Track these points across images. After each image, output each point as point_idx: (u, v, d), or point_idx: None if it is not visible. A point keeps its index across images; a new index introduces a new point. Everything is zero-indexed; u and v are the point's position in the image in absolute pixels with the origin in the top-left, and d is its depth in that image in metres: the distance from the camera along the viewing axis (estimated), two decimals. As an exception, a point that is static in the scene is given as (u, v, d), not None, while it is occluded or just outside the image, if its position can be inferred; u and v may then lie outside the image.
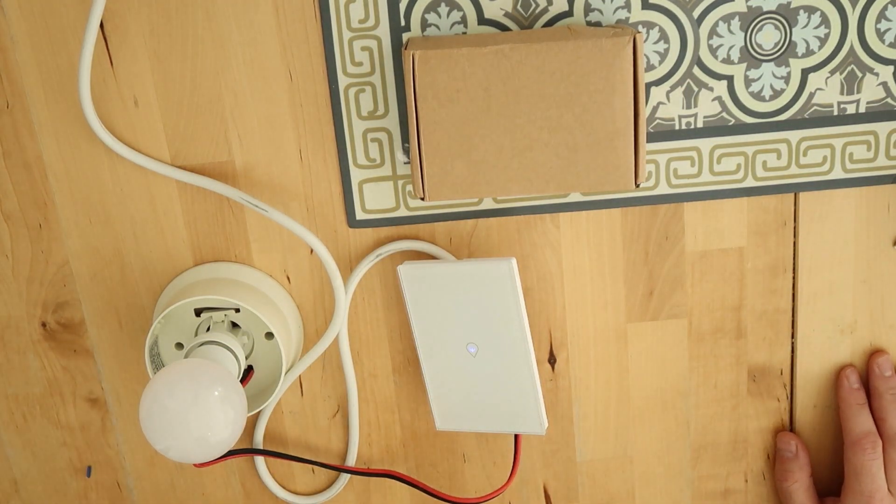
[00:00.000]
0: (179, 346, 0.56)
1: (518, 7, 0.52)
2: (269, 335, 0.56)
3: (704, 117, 0.54)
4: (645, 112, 0.48)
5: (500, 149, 0.49)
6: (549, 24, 0.52)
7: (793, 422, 0.62)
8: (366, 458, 0.63)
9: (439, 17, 0.52)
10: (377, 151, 0.55)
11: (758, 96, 0.54)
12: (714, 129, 0.54)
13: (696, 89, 0.53)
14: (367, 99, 0.54)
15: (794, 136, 0.55)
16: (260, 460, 0.62)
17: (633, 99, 0.48)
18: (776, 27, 0.52)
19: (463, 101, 0.48)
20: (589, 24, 0.52)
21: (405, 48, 0.48)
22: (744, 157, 0.55)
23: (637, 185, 0.50)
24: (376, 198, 0.56)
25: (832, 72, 0.53)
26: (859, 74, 0.53)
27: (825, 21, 0.52)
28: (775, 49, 0.53)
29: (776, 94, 0.54)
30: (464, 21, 0.52)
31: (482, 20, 0.52)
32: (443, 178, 0.49)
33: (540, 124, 0.48)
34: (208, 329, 0.55)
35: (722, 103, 0.54)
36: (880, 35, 0.52)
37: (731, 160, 0.55)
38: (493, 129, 0.48)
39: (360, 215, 0.56)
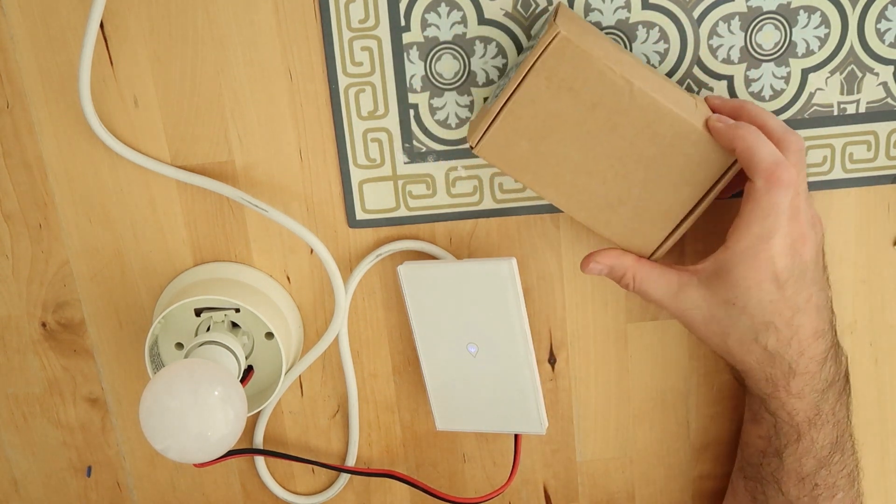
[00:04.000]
0: (179, 346, 0.56)
1: (518, 7, 0.52)
2: (269, 335, 0.56)
3: (704, 117, 0.54)
4: (698, 214, 0.50)
5: (566, 158, 0.49)
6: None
7: (793, 422, 0.62)
8: (366, 458, 0.63)
9: (439, 16, 0.52)
10: (377, 151, 0.55)
11: (758, 96, 0.54)
12: (714, 129, 0.54)
13: (696, 89, 0.53)
14: (367, 99, 0.54)
15: (794, 136, 0.55)
16: (260, 460, 0.62)
17: (699, 200, 0.49)
18: (776, 27, 0.52)
19: (567, 99, 0.47)
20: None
21: (554, 18, 0.47)
22: (744, 157, 0.55)
23: (650, 258, 0.51)
24: (376, 198, 0.56)
25: (832, 72, 0.53)
26: (859, 74, 0.53)
27: (825, 21, 0.52)
28: (775, 49, 0.53)
29: (776, 94, 0.54)
30: (464, 21, 0.52)
31: (482, 20, 0.52)
32: (503, 142, 0.49)
33: (612, 162, 0.49)
34: (208, 329, 0.55)
35: (722, 103, 0.54)
36: (880, 35, 0.52)
37: (731, 160, 0.55)
38: (573, 138, 0.48)
39: (360, 215, 0.56)
